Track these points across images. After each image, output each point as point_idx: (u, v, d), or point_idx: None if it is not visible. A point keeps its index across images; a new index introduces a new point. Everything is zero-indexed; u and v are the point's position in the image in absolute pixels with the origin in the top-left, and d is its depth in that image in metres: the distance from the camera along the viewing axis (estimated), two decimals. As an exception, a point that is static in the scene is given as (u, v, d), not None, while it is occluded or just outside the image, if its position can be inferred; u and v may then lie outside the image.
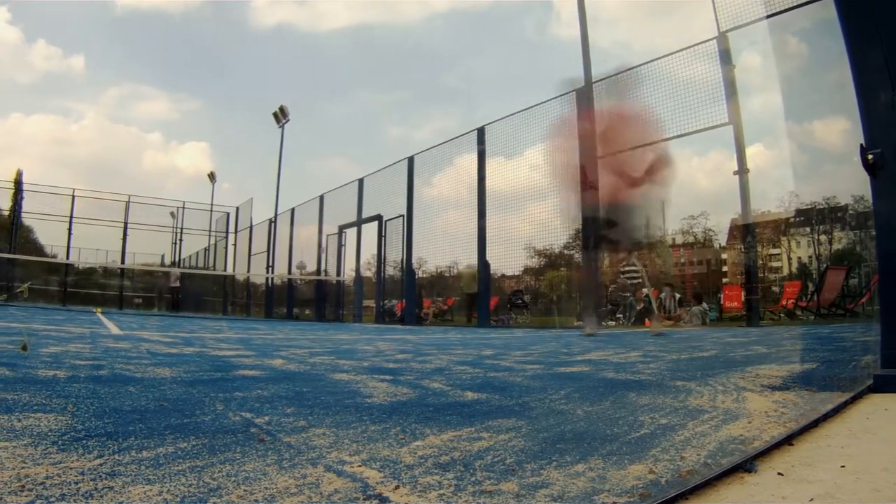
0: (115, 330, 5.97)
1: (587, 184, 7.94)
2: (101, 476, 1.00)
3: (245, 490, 0.98)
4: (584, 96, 11.30)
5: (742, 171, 9.15)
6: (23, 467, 1.02)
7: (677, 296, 14.31)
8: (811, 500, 1.04)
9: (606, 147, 8.08)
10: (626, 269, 14.88)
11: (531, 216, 12.29)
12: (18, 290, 24.02)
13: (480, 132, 13.33)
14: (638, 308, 14.52)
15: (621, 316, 15.21)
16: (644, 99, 10.02)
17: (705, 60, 9.77)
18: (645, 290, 14.42)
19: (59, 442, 1.21)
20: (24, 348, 3.05)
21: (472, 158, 13.48)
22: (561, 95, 11.73)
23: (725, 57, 9.40)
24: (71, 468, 1.03)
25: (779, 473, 1.17)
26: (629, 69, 10.67)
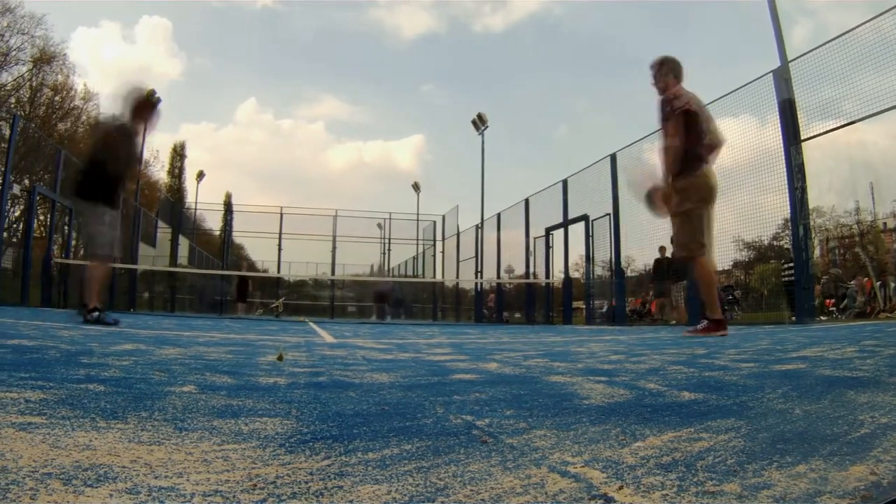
0: (329, 338, 6.36)
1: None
2: (330, 476, 1.05)
3: (471, 490, 1.00)
4: (780, 77, 10.66)
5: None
6: (253, 468, 1.10)
7: (893, 284, 13.09)
8: None
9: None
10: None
11: (736, 206, 11.83)
12: (273, 306, 26.52)
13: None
14: (858, 300, 13.51)
15: (834, 309, 14.22)
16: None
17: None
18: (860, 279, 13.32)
19: (287, 444, 1.29)
20: (280, 358, 3.34)
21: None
22: (758, 79, 11.21)
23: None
24: (300, 468, 1.10)
25: None
26: (827, 43, 9.93)
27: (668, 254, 14.45)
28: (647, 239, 14.79)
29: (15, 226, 24.95)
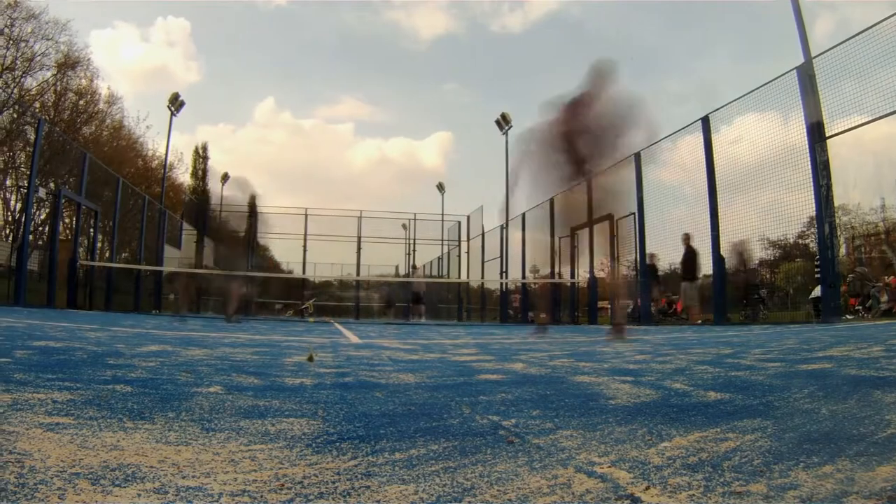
0: (354, 339, 6.39)
1: None
2: (356, 476, 1.06)
3: (498, 490, 1.00)
4: (804, 73, 10.54)
5: None
6: (280, 468, 1.11)
7: None
8: None
9: None
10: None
11: (761, 204, 11.78)
12: (304, 307, 26.66)
13: (705, 121, 12.85)
14: (883, 299, 13.35)
15: (860, 308, 14.07)
16: None
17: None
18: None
19: (313, 444, 1.30)
20: (311, 359, 3.36)
21: (699, 150, 13.14)
22: (782, 76, 11.09)
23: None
24: (327, 469, 1.11)
25: None
26: (850, 38, 9.79)
27: (656, 261, 15.01)
28: (673, 238, 14.72)
29: (41, 228, 25.29)
